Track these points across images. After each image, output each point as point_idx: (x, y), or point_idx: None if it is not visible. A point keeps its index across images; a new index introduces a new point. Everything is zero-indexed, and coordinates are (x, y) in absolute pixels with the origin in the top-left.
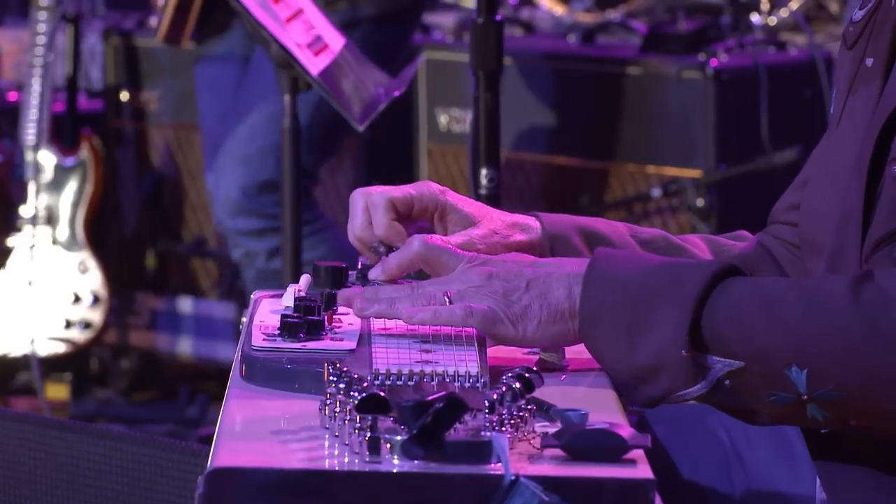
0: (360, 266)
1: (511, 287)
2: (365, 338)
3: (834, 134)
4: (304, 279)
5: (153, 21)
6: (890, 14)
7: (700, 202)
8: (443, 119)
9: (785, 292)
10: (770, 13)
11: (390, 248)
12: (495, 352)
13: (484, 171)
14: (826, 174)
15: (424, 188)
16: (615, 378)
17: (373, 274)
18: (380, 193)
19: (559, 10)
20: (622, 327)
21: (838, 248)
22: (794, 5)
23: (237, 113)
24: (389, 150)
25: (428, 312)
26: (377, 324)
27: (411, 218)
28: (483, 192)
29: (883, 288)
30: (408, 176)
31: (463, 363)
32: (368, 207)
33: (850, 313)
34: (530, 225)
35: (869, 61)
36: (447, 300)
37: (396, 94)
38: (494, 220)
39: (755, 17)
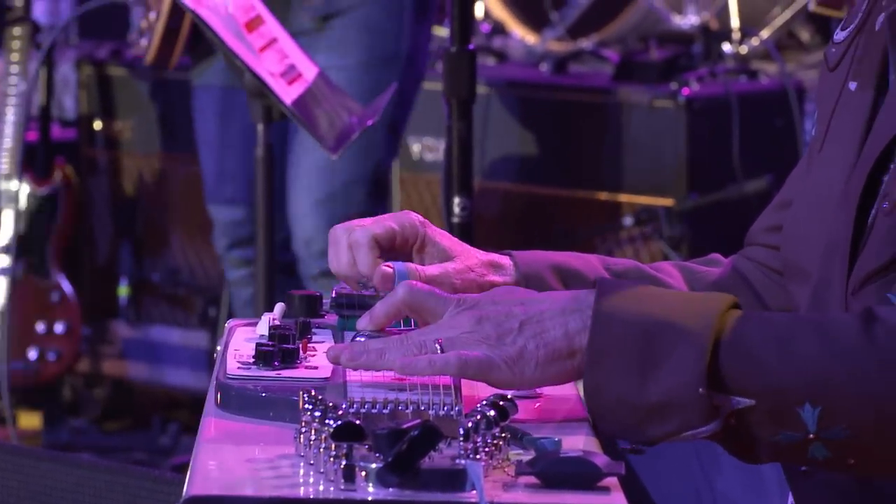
0: (334, 294)
1: (504, 330)
2: (340, 366)
3: (817, 157)
4: (279, 307)
5: (132, 47)
6: (874, 38)
7: (672, 231)
8: (415, 147)
9: (798, 329)
10: (741, 42)
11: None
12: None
13: (457, 200)
14: (810, 200)
15: (406, 220)
16: (621, 416)
17: (361, 324)
18: (362, 231)
19: (531, 39)
20: (633, 364)
21: (823, 279)
22: (765, 34)
23: (294, 151)
24: None
25: (423, 362)
26: None
27: (394, 251)
28: (456, 220)
29: (893, 326)
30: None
31: (438, 391)
32: (351, 246)
33: (866, 352)
34: (504, 265)
35: (852, 85)
36: (439, 348)
37: (370, 122)
38: (471, 258)
39: (726, 47)
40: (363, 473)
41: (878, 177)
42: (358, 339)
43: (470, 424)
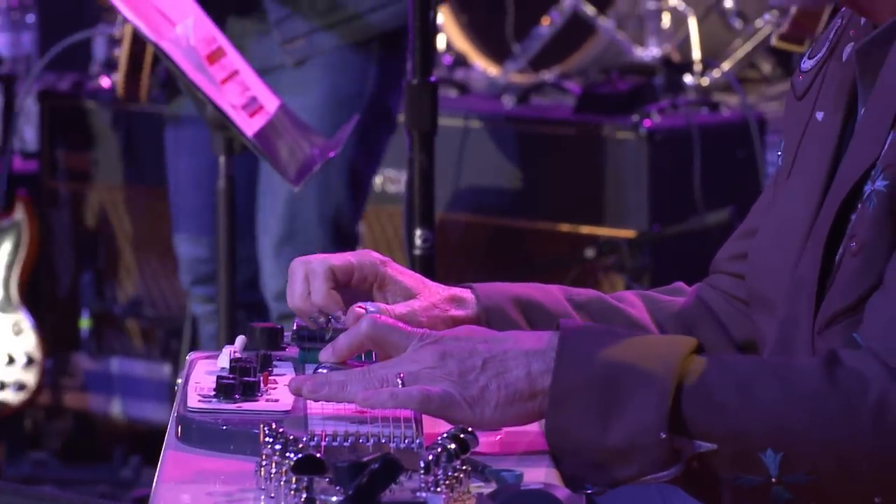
0: (295, 327)
1: (467, 367)
2: (300, 399)
3: (783, 187)
4: (240, 340)
5: (94, 79)
6: (842, 68)
7: (634, 262)
8: (378, 180)
9: (760, 374)
10: (703, 74)
11: (328, 318)
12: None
13: (419, 232)
14: (775, 230)
15: (365, 257)
16: (583, 458)
17: (323, 356)
18: (320, 261)
19: (493, 71)
20: (595, 407)
21: (790, 316)
22: (726, 66)
23: (259, 192)
24: None
25: (385, 395)
26: None
27: (350, 286)
28: (418, 252)
29: (855, 369)
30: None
31: (399, 424)
32: (308, 276)
33: (827, 397)
34: (466, 299)
35: (819, 115)
36: (401, 382)
37: (331, 154)
38: (433, 294)
39: (688, 78)
40: None
41: (846, 214)
42: (319, 371)
43: (431, 457)
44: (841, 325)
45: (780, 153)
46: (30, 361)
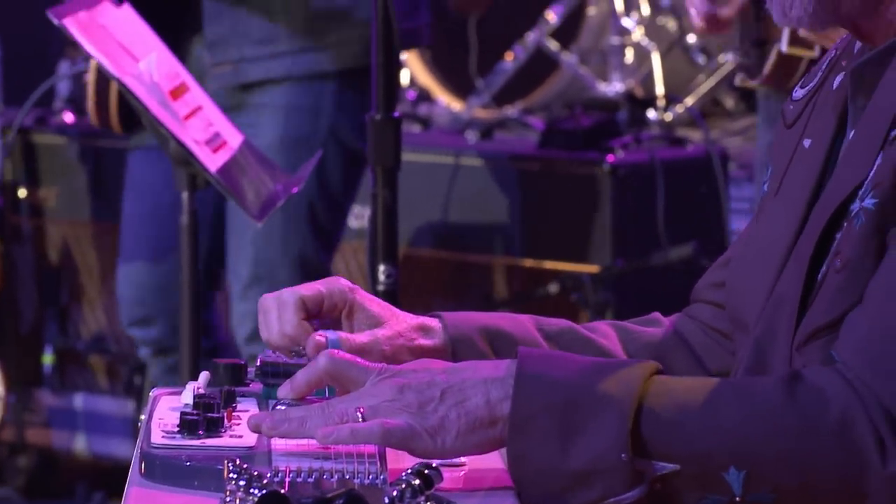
0: (258, 363)
1: (425, 398)
2: (262, 434)
3: (766, 211)
4: (203, 376)
5: (57, 114)
6: (830, 97)
7: (597, 297)
8: None
9: (720, 393)
10: (666, 109)
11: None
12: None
13: (382, 268)
14: (757, 253)
15: (334, 285)
16: (545, 484)
17: (281, 392)
18: (290, 293)
19: (457, 106)
20: (555, 431)
21: (768, 331)
22: (689, 101)
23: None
24: None
25: (345, 431)
26: None
27: (321, 315)
28: (381, 287)
29: (817, 386)
30: None
31: (363, 460)
32: (279, 307)
33: (787, 411)
34: (433, 328)
35: (807, 142)
36: (361, 416)
37: (294, 190)
38: (400, 322)
39: (651, 113)
40: None
41: (830, 233)
42: (278, 406)
43: (395, 493)
44: (821, 342)
45: (765, 181)
46: None
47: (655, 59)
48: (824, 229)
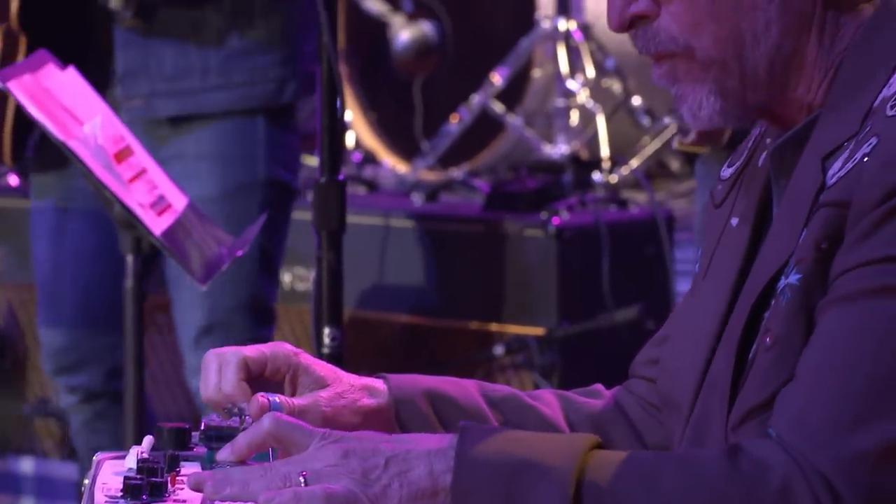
0: (203, 427)
1: (369, 466)
2: (208, 499)
3: (697, 290)
4: (147, 440)
5: (8, 177)
6: (756, 174)
7: (543, 360)
8: (287, 278)
9: (662, 465)
10: (611, 171)
11: (242, 411)
12: None
13: (327, 331)
14: (687, 333)
15: (278, 349)
16: None
17: (221, 455)
18: (233, 352)
19: (403, 169)
20: (497, 503)
21: (703, 414)
22: (634, 163)
23: (170, 287)
24: None
25: (287, 495)
26: None
27: (263, 378)
28: (326, 351)
29: (757, 457)
30: None
31: None
32: (221, 366)
33: (731, 483)
34: (378, 388)
35: (734, 221)
36: (303, 481)
37: (239, 253)
38: (343, 384)
39: (596, 176)
40: None
41: (759, 312)
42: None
43: None
44: (755, 422)
45: (697, 261)
46: None
47: (600, 121)
48: (752, 308)
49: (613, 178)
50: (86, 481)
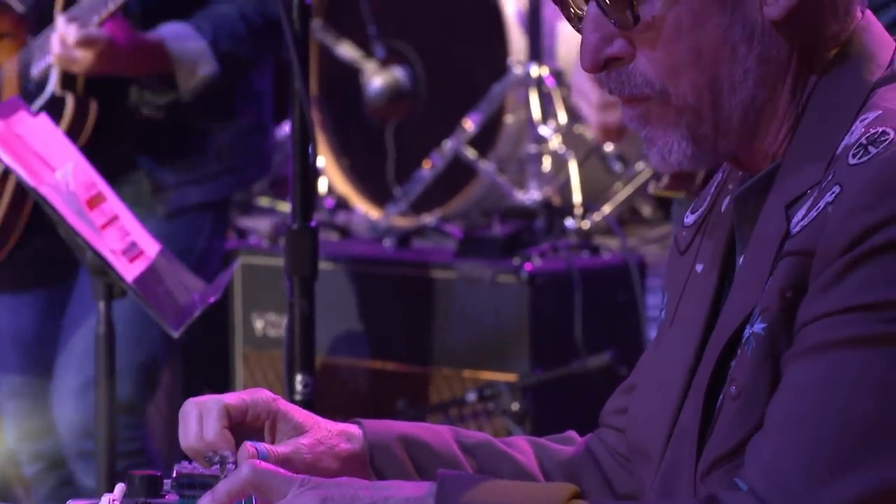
0: (175, 475)
1: None
2: None
3: (664, 339)
4: (119, 488)
5: None
6: (720, 220)
7: (515, 406)
8: (258, 324)
9: None
10: (583, 217)
11: (222, 458)
12: None
13: (299, 377)
14: (655, 382)
15: (258, 395)
16: None
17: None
18: (214, 400)
19: (375, 215)
20: None
21: (673, 462)
22: (606, 209)
23: (65, 332)
24: (205, 356)
25: None
26: None
27: (244, 425)
28: (298, 397)
29: None
30: (223, 382)
31: None
32: (202, 414)
33: None
34: (353, 434)
35: (699, 267)
36: None
37: (211, 300)
38: (321, 430)
39: (569, 221)
40: None
41: (726, 361)
42: None
43: None
44: (723, 470)
45: (663, 308)
46: None
47: (573, 167)
48: (719, 357)
49: (586, 224)
50: None
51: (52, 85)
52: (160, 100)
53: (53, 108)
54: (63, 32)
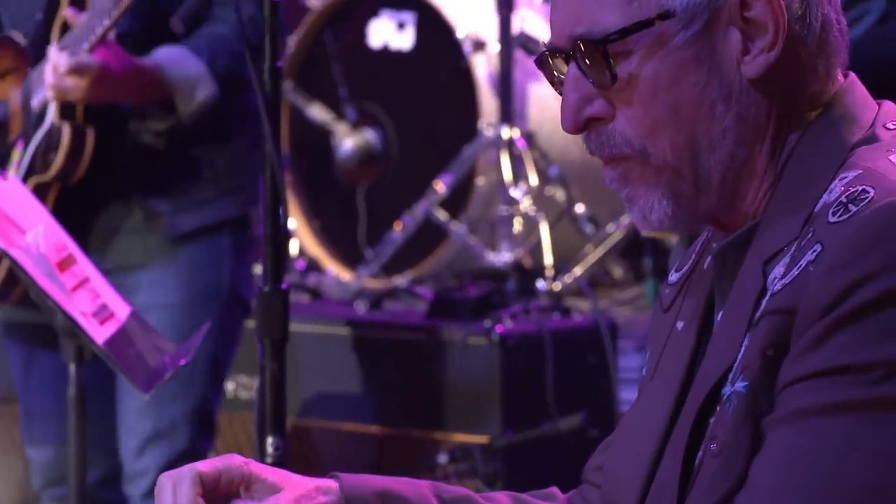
0: None
1: None
2: None
3: (644, 395)
4: None
5: None
6: (702, 278)
7: (487, 468)
8: (230, 386)
9: None
10: (555, 279)
11: None
12: None
13: (270, 440)
14: (632, 439)
15: (230, 461)
16: None
17: None
18: (187, 469)
19: (346, 276)
20: None
21: None
22: (578, 271)
23: (118, 390)
24: None
25: None
26: None
27: (218, 490)
28: (269, 460)
29: None
30: None
31: None
32: (175, 483)
33: None
34: (331, 487)
35: (680, 324)
36: None
37: (182, 362)
38: (298, 486)
39: (540, 283)
40: None
41: (704, 418)
42: None
43: None
44: None
45: (644, 365)
46: None
47: (544, 229)
48: (698, 414)
49: (557, 286)
50: None
51: (52, 115)
52: (161, 126)
53: (53, 139)
54: (55, 62)
